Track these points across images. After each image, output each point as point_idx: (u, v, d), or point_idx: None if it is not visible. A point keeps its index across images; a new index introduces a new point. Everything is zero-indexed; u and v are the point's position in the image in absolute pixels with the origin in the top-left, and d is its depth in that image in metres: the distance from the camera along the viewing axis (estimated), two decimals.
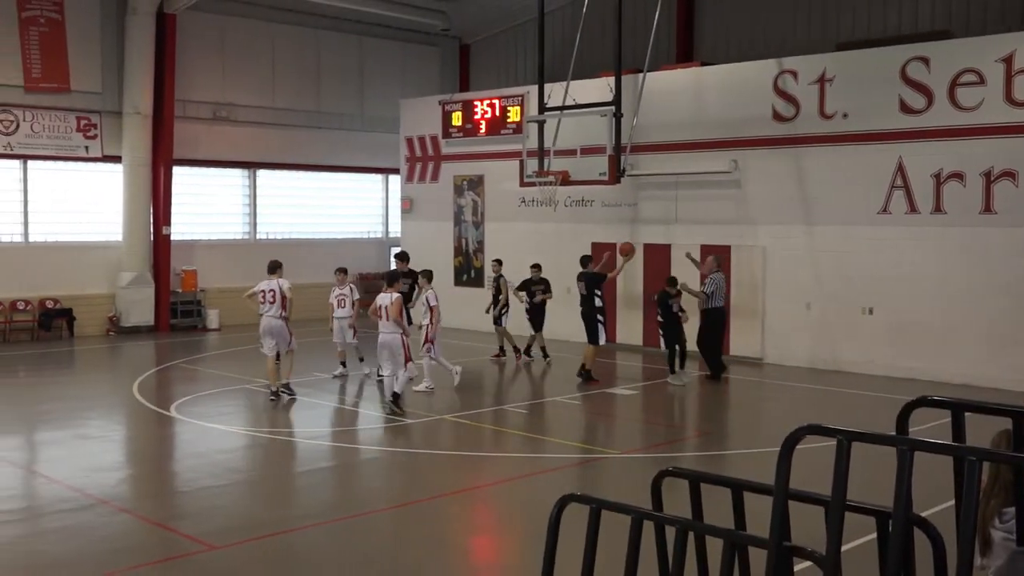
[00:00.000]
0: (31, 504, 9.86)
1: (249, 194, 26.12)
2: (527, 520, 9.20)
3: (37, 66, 21.82)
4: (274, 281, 14.92)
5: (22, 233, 22.25)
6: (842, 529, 3.44)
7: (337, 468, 11.46)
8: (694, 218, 20.04)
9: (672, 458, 11.34)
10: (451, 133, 24.46)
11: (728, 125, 19.44)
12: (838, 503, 3.40)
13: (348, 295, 16.71)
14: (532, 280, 18.63)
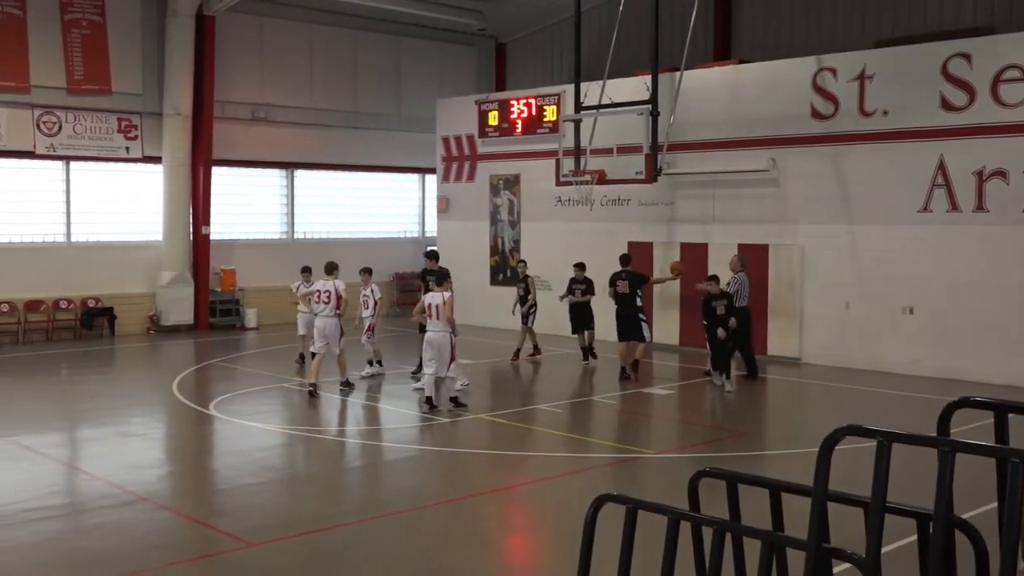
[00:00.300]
0: (73, 500, 10.00)
1: (287, 194, 26.31)
2: (563, 520, 9.18)
3: (79, 68, 22.12)
4: (330, 282, 15.32)
5: (64, 233, 22.56)
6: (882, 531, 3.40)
7: (373, 466, 11.51)
8: (731, 217, 19.91)
9: (709, 458, 11.27)
10: (487, 133, 24.47)
11: (766, 123, 19.30)
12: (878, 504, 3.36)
13: (371, 296, 16.57)
14: (575, 279, 18.39)
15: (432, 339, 13.90)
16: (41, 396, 15.67)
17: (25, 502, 9.50)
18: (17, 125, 21.39)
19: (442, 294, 13.93)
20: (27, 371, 18.46)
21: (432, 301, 13.92)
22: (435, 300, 13.90)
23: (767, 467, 11.05)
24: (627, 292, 16.78)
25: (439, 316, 13.81)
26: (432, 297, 14.00)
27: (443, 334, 13.83)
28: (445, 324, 13.82)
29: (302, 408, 14.80)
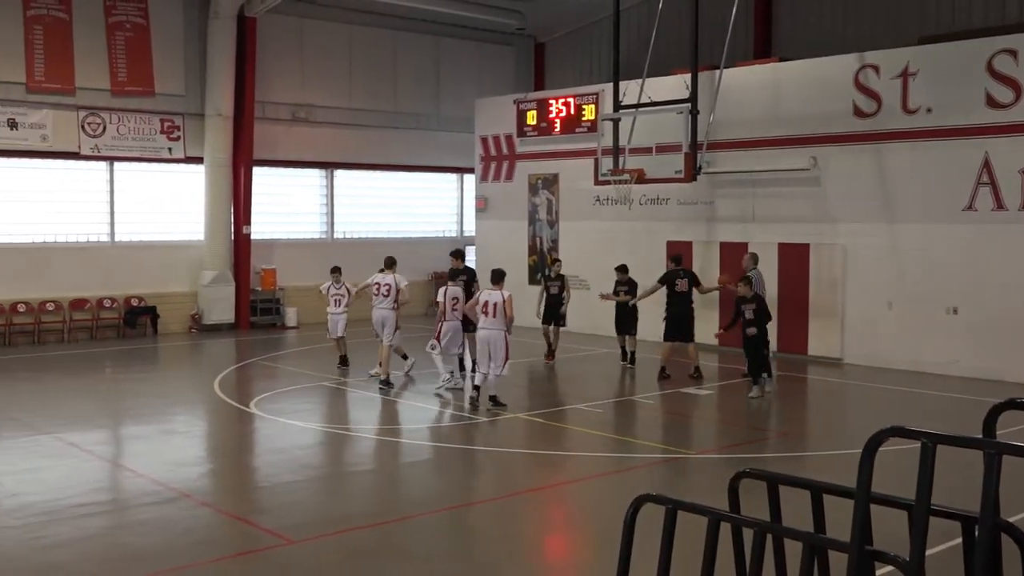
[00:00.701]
0: (117, 497, 10.13)
1: (326, 194, 26.48)
2: (601, 520, 9.16)
3: (123, 70, 22.41)
4: (390, 276, 16.04)
5: (108, 233, 22.86)
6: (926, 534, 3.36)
7: (411, 465, 11.55)
8: (772, 216, 19.76)
9: (749, 459, 11.19)
10: (526, 132, 24.48)
11: (807, 121, 19.14)
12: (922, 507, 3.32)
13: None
14: (619, 282, 18.07)
15: (487, 336, 13.95)
16: (86, 394, 15.89)
17: (71, 498, 9.64)
18: (63, 127, 21.72)
19: (501, 292, 13.98)
20: (72, 369, 18.74)
21: (490, 299, 13.97)
22: (494, 298, 13.94)
23: (809, 468, 10.94)
24: (686, 291, 16.73)
25: (495, 314, 13.86)
26: (490, 295, 14.03)
27: (499, 332, 13.88)
28: (501, 323, 13.87)
29: (342, 406, 14.90)
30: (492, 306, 13.91)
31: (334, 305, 17.42)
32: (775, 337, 19.31)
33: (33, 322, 21.52)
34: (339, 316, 17.41)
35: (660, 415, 14.40)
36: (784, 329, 19.17)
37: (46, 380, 17.42)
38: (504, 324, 13.88)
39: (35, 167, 21.72)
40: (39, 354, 20.16)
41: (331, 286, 17.56)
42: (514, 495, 10.06)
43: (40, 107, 21.44)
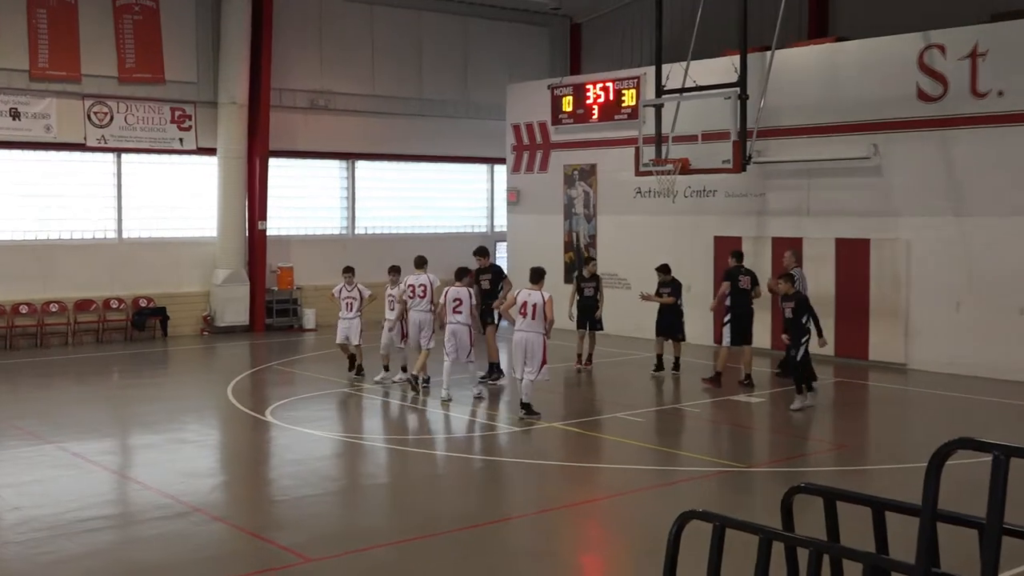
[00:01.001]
0: (124, 510, 10.22)
1: (347, 187, 26.60)
2: (643, 538, 9.13)
3: (131, 56, 22.63)
4: (424, 276, 16.05)
5: (115, 230, 23.09)
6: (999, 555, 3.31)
7: (438, 477, 11.57)
8: (828, 209, 19.63)
9: (804, 473, 11.13)
10: (561, 119, 24.46)
11: (867, 106, 18.98)
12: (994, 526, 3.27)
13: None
14: (661, 282, 17.69)
15: (524, 339, 14.00)
16: (92, 401, 16.06)
17: (75, 512, 9.74)
18: (67, 116, 21.96)
19: (540, 293, 14.06)
20: (77, 374, 18.95)
21: (529, 300, 14.03)
22: (533, 299, 14.00)
23: (869, 483, 10.86)
24: (748, 288, 16.67)
25: (535, 316, 13.92)
26: (529, 295, 14.09)
27: (537, 335, 13.95)
28: (541, 325, 13.93)
29: (363, 415, 14.96)
30: (532, 307, 13.96)
31: (346, 309, 17.16)
32: (832, 341, 19.19)
33: (36, 324, 21.79)
34: (351, 321, 17.07)
35: (707, 425, 14.34)
36: (842, 332, 19.04)
37: (50, 386, 17.62)
38: (544, 327, 13.93)
39: (38, 159, 21.97)
40: (42, 358, 20.40)
41: (343, 288, 17.31)
42: (548, 511, 10.04)
43: (44, 96, 21.70)
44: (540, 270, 14.50)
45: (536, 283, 14.19)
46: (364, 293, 17.15)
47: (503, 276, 17.49)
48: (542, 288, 14.14)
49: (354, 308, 17.12)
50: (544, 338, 13.97)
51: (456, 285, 15.02)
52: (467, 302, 14.84)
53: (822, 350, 15.84)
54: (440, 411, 14.95)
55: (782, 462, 12.08)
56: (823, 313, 17.87)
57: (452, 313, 14.86)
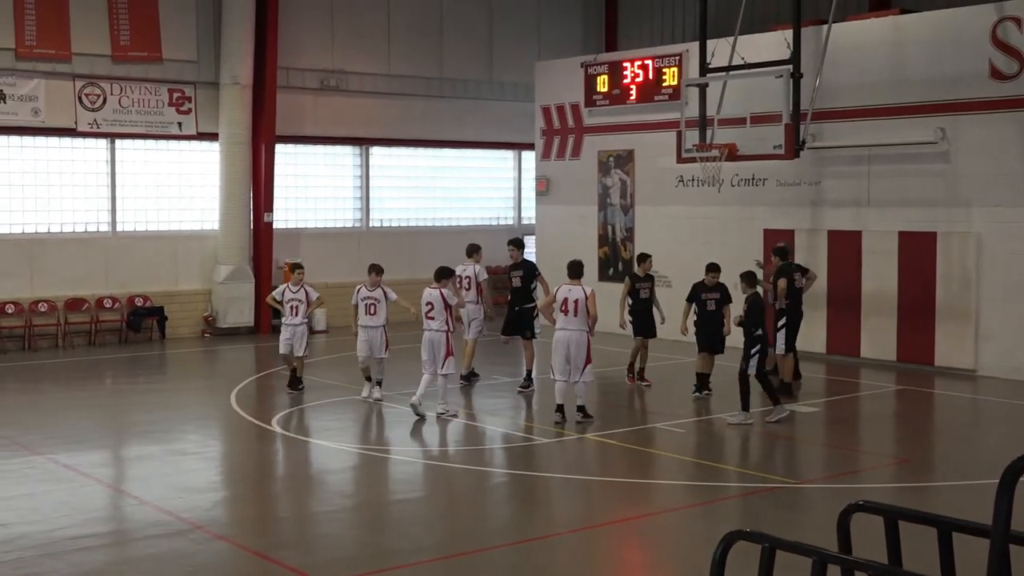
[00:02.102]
0: (119, 528, 10.30)
1: (361, 175, 26.68)
2: (685, 559, 9.13)
3: (126, 33, 22.77)
4: (471, 267, 16.76)
5: (109, 222, 23.25)
6: None
7: (461, 493, 11.59)
8: (890, 199, 19.52)
9: (861, 490, 11.08)
10: (595, 101, 24.43)
11: (934, 85, 18.86)
12: None
13: (380, 300, 15.88)
14: (706, 286, 16.01)
15: (566, 338, 14.14)
16: (84, 408, 16.18)
17: (66, 529, 9.83)
18: (57, 98, 22.12)
19: (581, 287, 14.25)
20: (68, 379, 19.10)
21: (570, 296, 14.19)
22: (575, 295, 14.16)
23: (933, 501, 10.83)
24: (803, 287, 16.61)
25: (577, 312, 14.08)
26: (570, 291, 14.24)
27: (581, 333, 14.11)
28: (583, 322, 14.09)
29: (377, 424, 15.01)
30: (573, 304, 14.13)
31: (291, 314, 16.35)
32: (894, 344, 19.10)
33: (23, 325, 21.97)
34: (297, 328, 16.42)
35: (754, 437, 14.29)
36: (905, 335, 18.95)
37: (39, 392, 17.78)
38: (587, 324, 14.10)
39: (25, 145, 22.16)
40: (30, 362, 20.59)
41: (287, 289, 16.55)
42: (581, 530, 10.05)
43: (31, 76, 21.88)
44: (579, 263, 14.69)
45: (576, 278, 14.37)
46: (311, 295, 16.70)
47: (536, 273, 17.42)
48: (582, 283, 14.32)
49: (300, 312, 16.49)
50: (588, 336, 14.16)
51: (432, 286, 14.81)
52: (439, 306, 14.54)
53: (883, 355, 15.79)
54: (463, 421, 14.98)
55: (837, 477, 12.03)
56: (883, 313, 17.85)
57: (426, 319, 14.68)
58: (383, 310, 15.78)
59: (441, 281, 14.83)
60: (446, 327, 14.58)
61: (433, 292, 14.69)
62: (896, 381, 17.84)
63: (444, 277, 14.95)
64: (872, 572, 4.02)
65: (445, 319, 14.60)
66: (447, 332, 14.57)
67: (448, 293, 14.80)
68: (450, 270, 15.33)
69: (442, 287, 14.75)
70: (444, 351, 14.53)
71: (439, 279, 14.85)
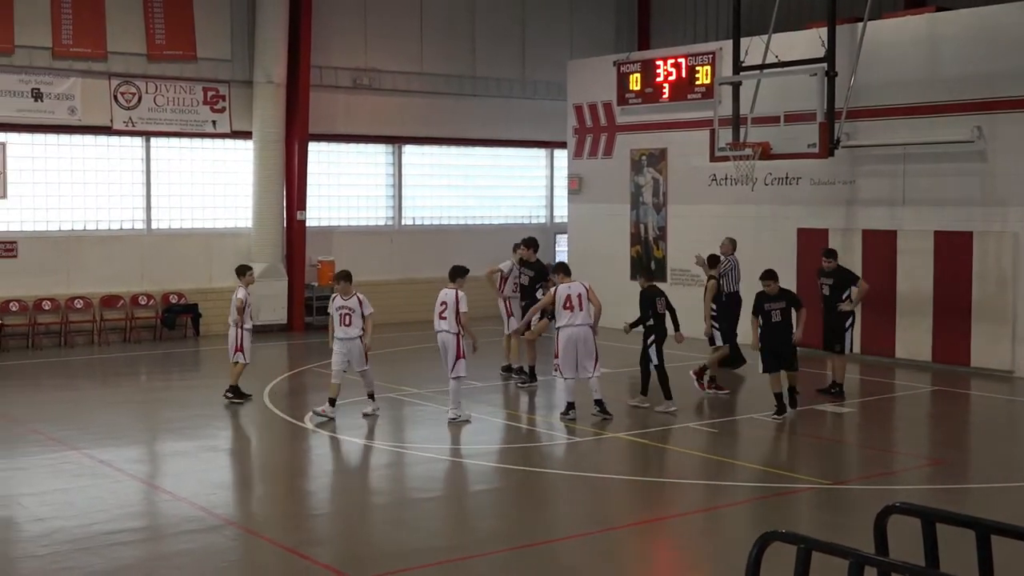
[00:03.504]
0: (153, 523, 10.37)
1: (393, 173, 26.74)
2: (719, 561, 9.09)
3: (161, 31, 22.93)
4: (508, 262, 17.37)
5: (144, 220, 23.41)
6: None
7: (494, 492, 11.60)
8: (926, 198, 19.37)
9: (897, 491, 11.00)
10: (628, 99, 24.38)
11: (970, 83, 18.70)
12: None
13: (355, 309, 14.83)
14: (767, 295, 14.91)
15: (576, 336, 14.23)
16: (119, 405, 16.30)
17: (100, 524, 9.90)
18: (93, 97, 22.29)
19: (580, 283, 14.46)
20: (103, 376, 19.26)
21: (572, 291, 14.30)
22: (576, 290, 14.32)
23: (970, 503, 10.75)
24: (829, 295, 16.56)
25: (582, 307, 14.22)
26: (570, 288, 14.39)
27: (587, 328, 14.26)
28: (588, 316, 14.24)
29: (409, 422, 15.04)
30: (577, 298, 14.29)
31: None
32: (929, 345, 18.96)
33: (59, 321, 22.16)
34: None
35: (789, 437, 14.22)
36: (941, 336, 18.81)
37: (74, 388, 17.93)
38: (591, 318, 14.30)
39: (61, 144, 22.35)
40: (66, 358, 20.76)
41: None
42: (613, 529, 10.03)
43: (68, 75, 22.07)
44: (565, 263, 15.53)
45: (569, 275, 14.69)
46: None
47: (546, 279, 16.99)
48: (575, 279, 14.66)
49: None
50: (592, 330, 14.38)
51: (448, 286, 14.57)
52: (451, 307, 14.27)
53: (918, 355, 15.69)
54: (493, 419, 14.98)
55: (871, 478, 11.95)
56: (918, 312, 17.68)
57: (438, 319, 14.46)
58: (359, 320, 14.76)
59: (456, 280, 14.57)
60: (457, 328, 14.26)
61: (448, 292, 14.42)
62: (931, 382, 17.70)
63: (459, 276, 14.66)
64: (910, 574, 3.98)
65: (456, 321, 14.24)
66: (457, 334, 14.26)
67: (462, 296, 14.37)
68: (465, 269, 14.93)
69: (458, 287, 14.49)
70: (454, 353, 14.25)
71: (454, 278, 14.60)
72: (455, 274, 14.67)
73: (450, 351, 14.29)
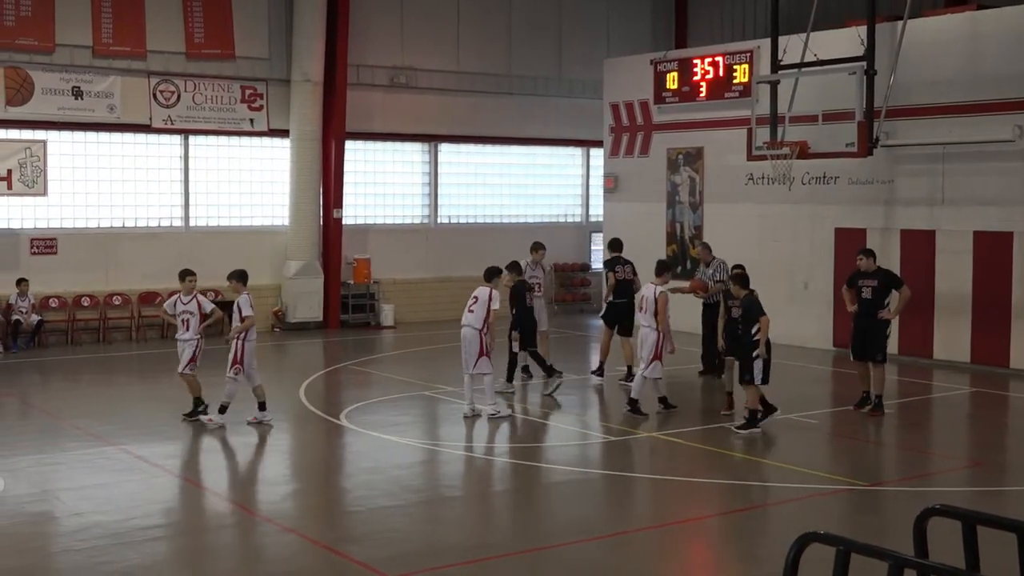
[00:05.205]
0: (191, 519, 10.44)
1: (430, 171, 26.79)
2: (756, 561, 9.06)
3: (200, 30, 23.09)
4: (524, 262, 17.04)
5: (182, 217, 23.58)
6: None
7: (528, 490, 11.59)
8: (966, 198, 19.20)
9: (936, 493, 10.90)
10: (665, 98, 24.31)
11: (1012, 82, 18.51)
12: None
13: (195, 313, 14.39)
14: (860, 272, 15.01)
15: (641, 336, 14.78)
16: (156, 400, 16.41)
17: (137, 519, 9.98)
18: (132, 95, 22.47)
19: (653, 287, 14.80)
20: (141, 372, 19.42)
21: (646, 293, 14.92)
22: (648, 292, 14.88)
23: (1009, 506, 10.63)
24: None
25: (646, 310, 14.69)
26: (646, 288, 15.07)
27: (650, 329, 14.62)
28: (652, 319, 14.57)
29: (445, 420, 15.06)
30: (644, 301, 14.76)
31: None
32: (968, 346, 18.79)
33: (98, 318, 22.37)
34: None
35: (824, 438, 14.14)
36: (980, 337, 18.67)
37: (112, 384, 18.08)
38: (655, 321, 14.51)
39: (101, 141, 22.57)
40: (104, 354, 20.95)
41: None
42: (648, 529, 10.01)
43: (107, 73, 22.26)
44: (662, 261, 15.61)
45: (658, 275, 15.05)
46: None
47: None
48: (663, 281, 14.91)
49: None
50: (656, 333, 14.51)
51: (484, 285, 14.70)
52: (483, 302, 14.41)
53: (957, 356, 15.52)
54: (532, 418, 14.98)
55: (909, 480, 11.86)
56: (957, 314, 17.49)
57: (467, 312, 14.58)
58: (197, 323, 14.34)
59: (492, 281, 14.70)
60: (481, 325, 14.35)
61: (483, 289, 14.58)
62: (970, 383, 17.53)
63: (495, 276, 14.83)
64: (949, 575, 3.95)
65: (483, 318, 14.35)
66: (480, 331, 14.35)
67: (495, 294, 14.48)
68: (499, 269, 15.12)
69: (492, 287, 14.60)
70: (476, 350, 14.37)
71: (489, 279, 14.72)
72: (490, 275, 14.82)
73: (473, 348, 14.42)
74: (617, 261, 17.74)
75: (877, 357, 14.84)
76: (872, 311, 14.84)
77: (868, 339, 14.91)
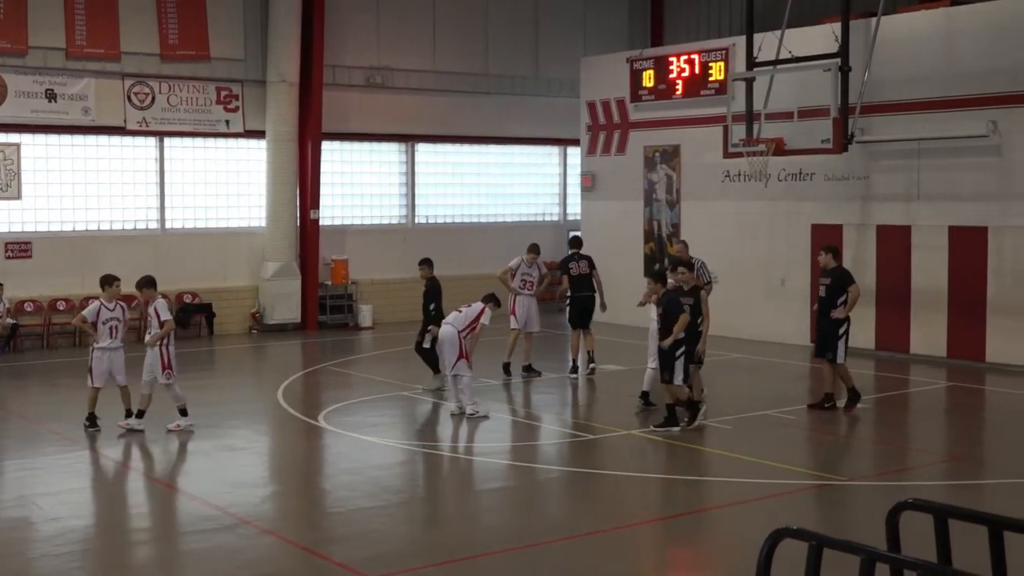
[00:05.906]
0: (168, 523, 10.43)
1: (406, 171, 26.78)
2: (731, 557, 9.10)
3: (174, 31, 23.00)
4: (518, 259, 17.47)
5: (158, 220, 23.49)
6: None
7: (509, 490, 11.62)
8: (941, 194, 19.32)
9: (911, 487, 10.98)
10: (641, 96, 24.36)
11: (986, 78, 18.63)
12: None
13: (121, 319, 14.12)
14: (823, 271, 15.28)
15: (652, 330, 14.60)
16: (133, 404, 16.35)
17: (117, 523, 9.99)
18: (106, 97, 22.36)
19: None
20: None
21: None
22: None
23: (984, 499, 10.72)
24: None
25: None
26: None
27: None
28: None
29: (424, 420, 15.07)
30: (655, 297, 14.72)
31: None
32: (944, 340, 18.91)
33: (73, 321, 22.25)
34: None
35: (802, 434, 14.21)
36: (955, 331, 18.78)
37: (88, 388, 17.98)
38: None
39: (75, 144, 22.44)
40: (80, 358, 20.71)
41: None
42: (626, 527, 10.04)
43: (81, 75, 22.15)
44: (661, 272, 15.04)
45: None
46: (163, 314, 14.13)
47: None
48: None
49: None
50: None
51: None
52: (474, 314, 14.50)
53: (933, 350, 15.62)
54: (511, 417, 15.01)
55: (885, 475, 11.92)
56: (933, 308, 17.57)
57: (454, 312, 14.74)
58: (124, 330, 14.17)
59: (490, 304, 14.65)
60: (463, 328, 14.39)
61: (479, 304, 14.62)
62: (946, 377, 17.66)
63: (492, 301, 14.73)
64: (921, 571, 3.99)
65: (468, 325, 14.40)
66: (460, 332, 14.37)
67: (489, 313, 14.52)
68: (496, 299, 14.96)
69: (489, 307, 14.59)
70: (456, 352, 14.34)
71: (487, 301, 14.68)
72: (491, 298, 14.77)
73: (452, 349, 14.38)
74: (571, 259, 17.84)
75: (827, 356, 14.81)
76: (826, 309, 14.81)
77: (820, 338, 14.98)
